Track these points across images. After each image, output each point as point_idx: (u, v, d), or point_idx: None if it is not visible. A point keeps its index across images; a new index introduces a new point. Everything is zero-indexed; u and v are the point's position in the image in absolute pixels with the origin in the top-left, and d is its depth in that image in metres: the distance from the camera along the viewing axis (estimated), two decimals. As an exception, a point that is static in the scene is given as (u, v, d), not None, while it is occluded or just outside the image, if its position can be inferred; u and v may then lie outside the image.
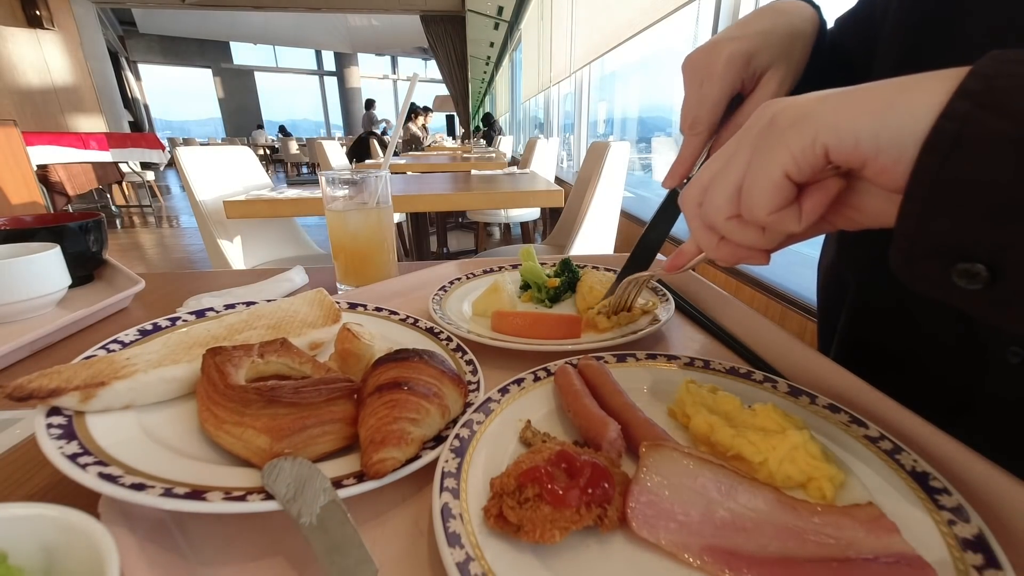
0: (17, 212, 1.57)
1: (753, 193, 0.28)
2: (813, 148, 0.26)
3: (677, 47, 2.60)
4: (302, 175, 12.41)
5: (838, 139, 0.25)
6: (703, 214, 0.32)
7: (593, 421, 0.35)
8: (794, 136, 0.26)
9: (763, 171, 0.28)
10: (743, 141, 0.30)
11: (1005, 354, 0.39)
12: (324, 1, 7.72)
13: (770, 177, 0.27)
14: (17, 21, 5.51)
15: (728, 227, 0.31)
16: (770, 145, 0.27)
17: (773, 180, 0.27)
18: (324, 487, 0.29)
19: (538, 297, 0.67)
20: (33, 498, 0.33)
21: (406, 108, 0.81)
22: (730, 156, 0.30)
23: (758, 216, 0.29)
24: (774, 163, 0.27)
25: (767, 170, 0.27)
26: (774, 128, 0.27)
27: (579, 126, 4.71)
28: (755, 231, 0.31)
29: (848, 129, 0.25)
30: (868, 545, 0.26)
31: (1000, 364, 0.39)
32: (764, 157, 0.28)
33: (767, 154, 0.27)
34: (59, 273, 0.66)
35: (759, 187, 0.28)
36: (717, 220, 0.31)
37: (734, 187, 0.30)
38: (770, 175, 0.27)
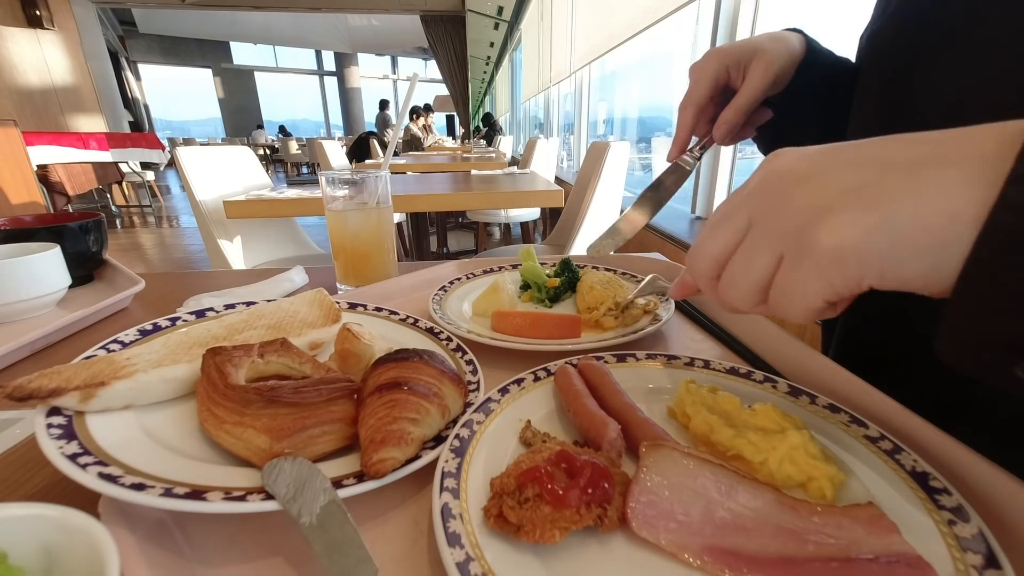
0: (17, 212, 1.57)
1: (788, 308, 0.28)
2: (858, 286, 0.25)
3: (677, 47, 2.60)
4: (302, 175, 12.41)
5: (883, 280, 0.24)
6: (722, 296, 0.31)
7: (593, 421, 0.35)
8: (836, 272, 0.25)
9: (800, 296, 0.27)
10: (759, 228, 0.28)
11: None
12: (324, 1, 7.72)
13: (808, 303, 0.27)
14: (17, 21, 5.51)
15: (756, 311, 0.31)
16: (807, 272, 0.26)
17: (812, 307, 0.27)
18: (324, 487, 0.29)
19: (538, 297, 0.67)
20: (33, 498, 0.33)
21: (406, 108, 0.81)
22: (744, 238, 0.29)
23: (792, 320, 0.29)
24: (814, 293, 0.26)
25: (805, 296, 0.26)
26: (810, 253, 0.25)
27: (579, 126, 4.71)
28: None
29: (896, 274, 0.23)
30: (868, 545, 0.26)
31: None
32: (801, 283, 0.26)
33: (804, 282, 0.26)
34: (59, 273, 0.66)
35: (795, 306, 0.27)
36: (742, 309, 0.31)
37: (759, 286, 0.29)
38: (809, 303, 0.26)
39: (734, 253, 0.30)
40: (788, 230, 0.26)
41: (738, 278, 0.29)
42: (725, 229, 0.30)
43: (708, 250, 0.31)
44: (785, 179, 0.27)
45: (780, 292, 0.28)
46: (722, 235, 0.30)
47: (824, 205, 0.25)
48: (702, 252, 0.31)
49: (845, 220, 0.24)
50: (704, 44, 1.99)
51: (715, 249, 0.30)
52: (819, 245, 0.25)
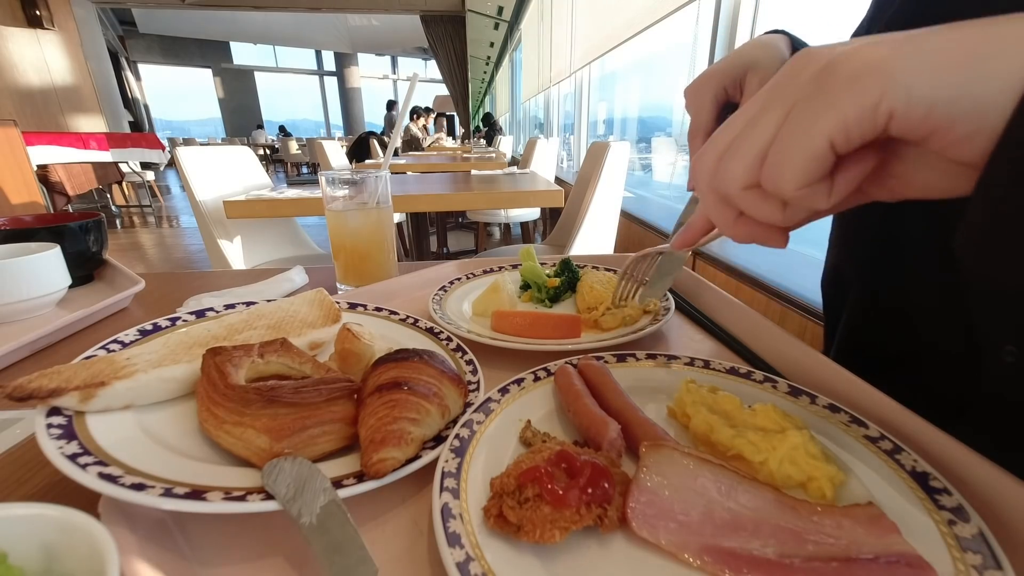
0: (17, 212, 1.57)
1: (783, 162, 0.23)
2: (875, 113, 0.21)
3: (677, 47, 2.60)
4: (302, 175, 12.42)
5: (908, 105, 0.20)
6: (717, 182, 0.27)
7: (593, 421, 0.35)
8: (854, 95, 0.21)
9: (802, 137, 0.22)
10: (775, 94, 0.24)
11: (1000, 353, 0.39)
12: (324, 1, 7.72)
13: (810, 146, 0.22)
14: (17, 21, 5.51)
15: (744, 199, 0.26)
16: (818, 103, 0.22)
17: (813, 150, 0.22)
18: (324, 487, 0.29)
19: (538, 297, 0.67)
20: (33, 498, 0.33)
21: (406, 108, 0.81)
22: (756, 113, 0.25)
23: (783, 190, 0.24)
24: (819, 128, 0.22)
25: (808, 136, 0.22)
26: (829, 80, 0.22)
27: (579, 126, 4.71)
28: (775, 205, 0.26)
29: (923, 94, 0.20)
30: (868, 545, 0.26)
31: (996, 363, 0.39)
32: (807, 118, 0.22)
33: (812, 115, 0.22)
34: (59, 273, 0.66)
35: (792, 156, 0.23)
36: (732, 190, 0.26)
37: (757, 152, 0.24)
38: (810, 143, 0.22)
39: None
40: (804, 80, 0.23)
41: (738, 150, 0.26)
42: (739, 116, 0.27)
43: (715, 141, 0.27)
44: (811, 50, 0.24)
45: (778, 144, 0.24)
46: (735, 122, 0.27)
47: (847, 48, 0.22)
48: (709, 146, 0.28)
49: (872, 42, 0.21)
50: (704, 44, 1.99)
51: (724, 138, 0.27)
52: (836, 71, 0.21)
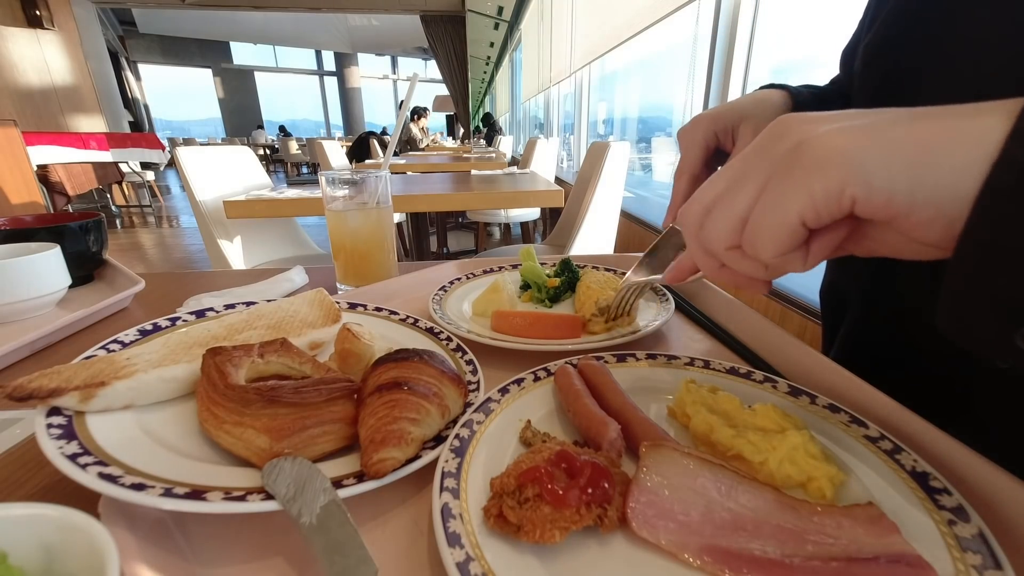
0: (17, 212, 1.57)
1: (760, 234, 0.26)
2: (839, 199, 0.23)
3: (677, 47, 2.60)
4: (302, 175, 12.41)
5: (868, 193, 0.22)
6: (703, 239, 0.30)
7: (593, 421, 0.35)
8: (819, 181, 0.23)
9: (775, 213, 0.25)
10: (755, 163, 0.27)
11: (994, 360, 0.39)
12: (324, 1, 7.72)
13: (782, 222, 0.24)
14: (17, 21, 5.51)
15: (728, 257, 0.29)
16: (788, 184, 0.24)
17: (785, 225, 0.24)
18: (324, 487, 0.29)
19: (538, 297, 0.67)
20: (33, 498, 0.33)
21: (406, 108, 0.81)
22: (738, 177, 0.27)
23: (762, 257, 0.26)
24: (790, 207, 0.24)
25: (780, 213, 0.24)
26: (796, 163, 0.24)
27: (579, 126, 4.71)
28: (756, 264, 0.28)
29: (882, 185, 0.22)
30: (868, 545, 0.26)
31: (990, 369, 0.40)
32: (779, 196, 0.24)
33: (783, 194, 0.24)
34: (59, 273, 0.66)
35: (768, 229, 0.25)
36: (717, 249, 0.29)
37: (739, 218, 0.27)
38: (783, 219, 0.24)
39: None
40: (779, 155, 0.25)
41: (720, 214, 0.28)
42: (724, 174, 0.29)
43: (701, 199, 0.29)
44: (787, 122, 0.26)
45: (756, 216, 0.26)
46: (718, 183, 0.29)
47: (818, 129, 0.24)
48: (695, 202, 0.30)
49: (838, 129, 0.23)
50: (704, 44, 1.99)
51: (708, 196, 0.29)
52: (804, 154, 0.23)
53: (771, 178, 0.25)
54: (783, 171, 0.25)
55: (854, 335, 0.54)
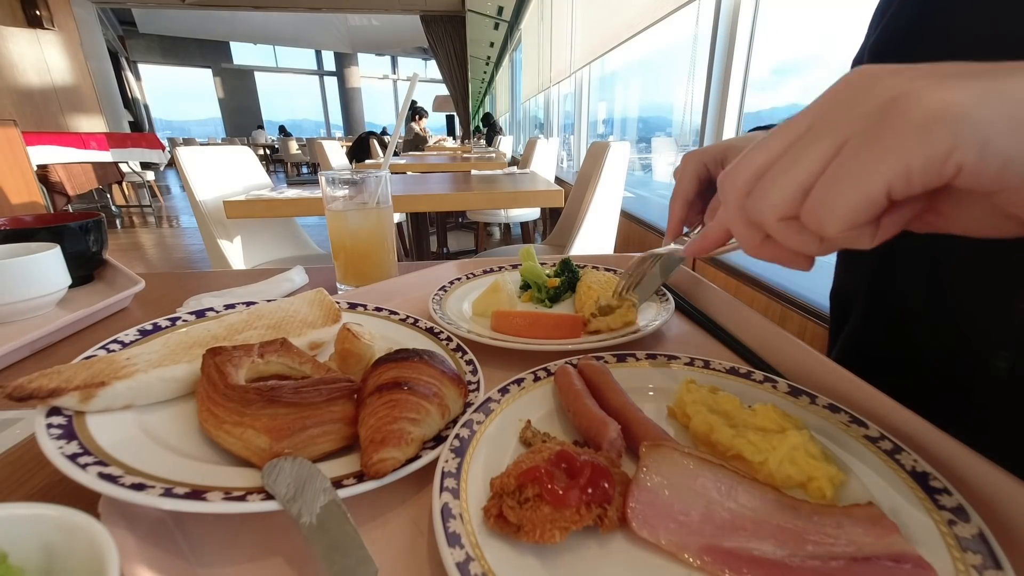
0: (17, 212, 1.57)
1: (831, 204, 0.22)
2: (943, 165, 0.19)
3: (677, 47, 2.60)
4: (302, 175, 12.41)
5: (981, 160, 0.19)
6: (750, 206, 0.26)
7: (593, 421, 0.35)
8: (922, 143, 0.19)
9: (856, 181, 0.21)
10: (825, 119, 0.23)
11: (995, 359, 0.39)
12: (324, 1, 7.72)
13: (865, 191, 0.21)
14: (17, 21, 5.51)
15: (779, 229, 0.25)
16: (877, 147, 0.20)
17: (869, 195, 0.21)
18: (324, 487, 0.29)
19: (538, 297, 0.67)
20: (33, 498, 0.33)
21: (406, 108, 0.81)
22: (799, 137, 0.23)
23: (827, 231, 0.23)
24: (876, 175, 0.20)
25: (864, 180, 0.21)
26: (890, 122, 0.20)
27: (579, 126, 4.71)
28: (811, 238, 0.24)
29: (1000, 151, 0.18)
30: (868, 545, 0.26)
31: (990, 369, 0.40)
32: (863, 161, 0.21)
33: (870, 156, 0.20)
34: (59, 273, 0.66)
35: (842, 199, 0.21)
36: (767, 218, 0.25)
37: (800, 184, 0.23)
38: (866, 188, 0.21)
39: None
40: (863, 112, 0.21)
41: (777, 179, 0.24)
42: (781, 133, 0.24)
43: (750, 160, 0.25)
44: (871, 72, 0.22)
45: (827, 182, 0.22)
46: (775, 141, 0.24)
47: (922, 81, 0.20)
48: (742, 164, 0.26)
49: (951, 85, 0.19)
50: (704, 44, 1.99)
51: (760, 158, 0.25)
52: (913, 109, 0.19)
53: (851, 139, 0.21)
54: (870, 132, 0.21)
55: (857, 335, 0.54)
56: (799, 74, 1.93)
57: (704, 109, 1.99)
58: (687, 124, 2.40)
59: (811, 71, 1.84)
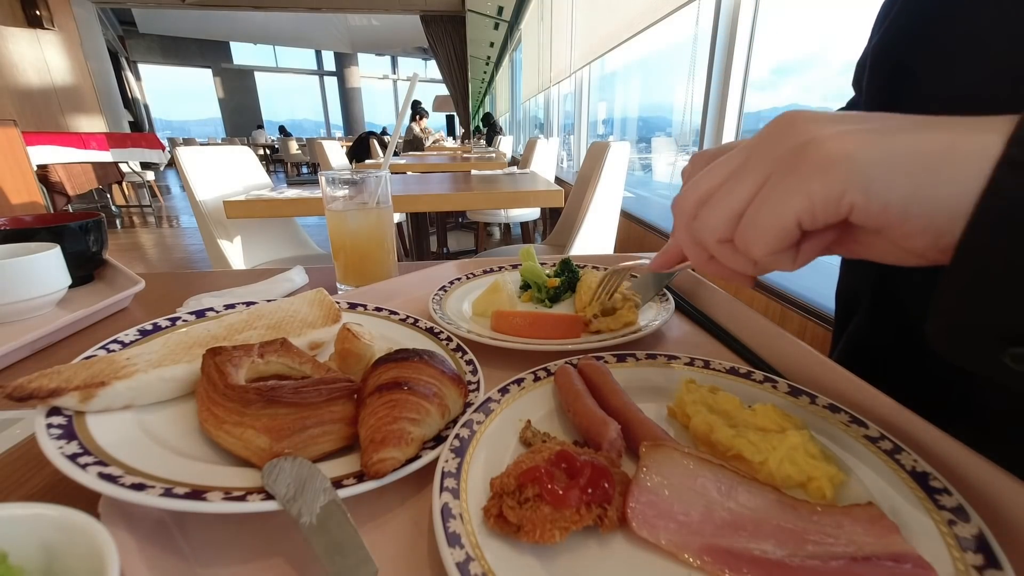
0: (17, 212, 1.57)
1: (755, 230, 0.26)
2: (838, 204, 0.23)
3: (677, 47, 2.60)
4: (302, 175, 12.41)
5: (867, 200, 0.22)
6: (695, 228, 0.29)
7: (593, 421, 0.35)
8: (820, 184, 0.23)
9: (772, 211, 0.25)
10: (756, 156, 0.26)
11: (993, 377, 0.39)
12: (324, 1, 7.72)
13: (778, 222, 0.24)
14: (17, 21, 5.51)
15: (717, 249, 0.29)
16: (788, 183, 0.24)
17: (782, 225, 0.24)
18: (324, 487, 0.29)
19: (538, 297, 0.67)
20: (33, 498, 0.33)
21: (406, 108, 0.81)
22: (736, 170, 0.27)
23: (753, 254, 0.27)
24: (787, 207, 0.24)
25: (777, 212, 0.24)
26: (799, 163, 0.24)
27: (579, 126, 4.71)
28: (746, 260, 0.28)
29: (880, 193, 0.22)
30: (868, 545, 0.26)
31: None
32: (778, 194, 0.24)
33: (782, 193, 0.24)
34: (59, 273, 0.66)
35: (763, 227, 0.25)
36: (708, 241, 0.29)
37: (734, 212, 0.27)
38: (779, 219, 0.24)
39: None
40: (785, 151, 0.25)
41: (715, 207, 0.27)
42: (722, 165, 0.28)
43: (695, 187, 0.29)
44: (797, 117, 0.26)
45: (752, 212, 0.26)
46: (717, 170, 0.28)
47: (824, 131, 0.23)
48: (689, 191, 0.29)
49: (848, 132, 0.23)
50: (704, 44, 1.99)
51: (704, 186, 0.29)
52: (814, 154, 0.23)
53: (772, 175, 0.25)
54: (785, 169, 0.24)
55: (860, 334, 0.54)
56: (799, 74, 1.93)
57: (704, 109, 1.99)
58: (687, 124, 2.40)
59: (811, 71, 1.84)
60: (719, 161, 0.29)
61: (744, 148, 0.28)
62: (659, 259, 0.37)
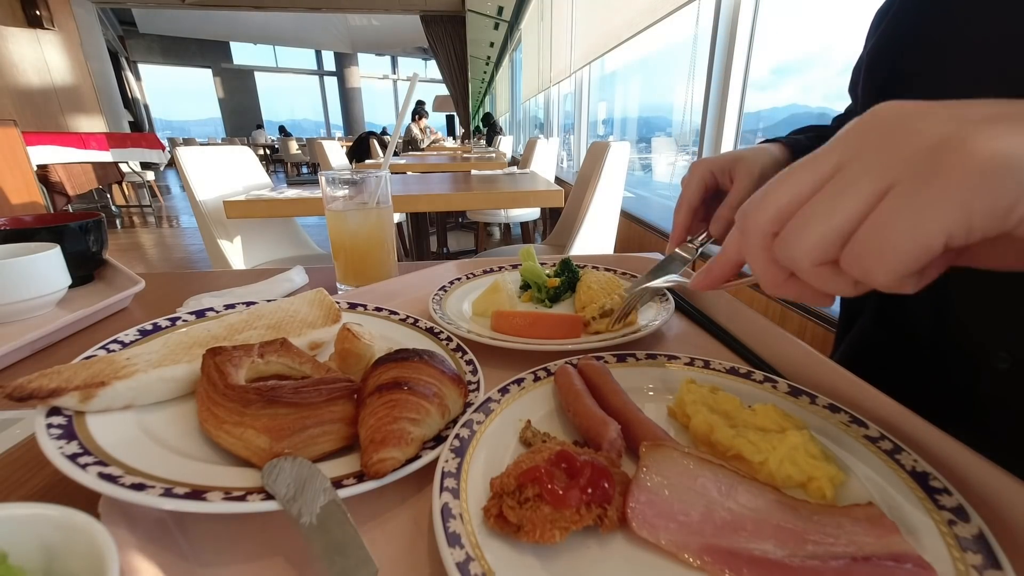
0: (17, 212, 1.57)
1: (882, 253, 0.21)
2: (1006, 217, 0.19)
3: (677, 47, 2.60)
4: (302, 175, 12.41)
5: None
6: (779, 248, 0.24)
7: (593, 421, 0.35)
8: (982, 195, 0.18)
9: (913, 230, 0.20)
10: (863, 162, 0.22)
11: (995, 359, 0.39)
12: (324, 1, 7.72)
13: (922, 241, 0.19)
14: (17, 21, 5.51)
15: (814, 273, 0.24)
16: (931, 194, 0.19)
17: (925, 244, 0.20)
18: (324, 487, 0.29)
19: (538, 297, 0.67)
20: (33, 498, 0.33)
21: (406, 108, 0.81)
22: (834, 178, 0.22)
23: (877, 279, 0.21)
24: (936, 224, 0.19)
25: (922, 231, 0.19)
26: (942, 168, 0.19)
27: (579, 126, 4.71)
28: (847, 281, 0.23)
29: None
30: (868, 545, 0.26)
31: (991, 369, 0.40)
32: (918, 210, 0.20)
33: (925, 208, 0.19)
34: (59, 273, 0.66)
35: (896, 248, 0.20)
36: (802, 264, 0.23)
37: (840, 230, 0.22)
38: (923, 238, 0.19)
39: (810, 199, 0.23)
40: (911, 152, 0.20)
41: (813, 222, 0.22)
42: (804, 171, 0.23)
43: (776, 197, 0.24)
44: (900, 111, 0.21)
45: (874, 234, 0.21)
46: (800, 178, 0.23)
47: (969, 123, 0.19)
48: (767, 200, 0.24)
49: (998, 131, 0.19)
50: (704, 44, 1.99)
51: (786, 195, 0.24)
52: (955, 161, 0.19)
53: (898, 183, 0.20)
54: (920, 177, 0.20)
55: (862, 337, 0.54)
56: (799, 74, 1.93)
57: (704, 109, 1.99)
58: (687, 124, 2.40)
59: (811, 71, 1.84)
60: (799, 166, 0.24)
61: (834, 149, 0.23)
62: (704, 278, 0.32)
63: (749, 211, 0.26)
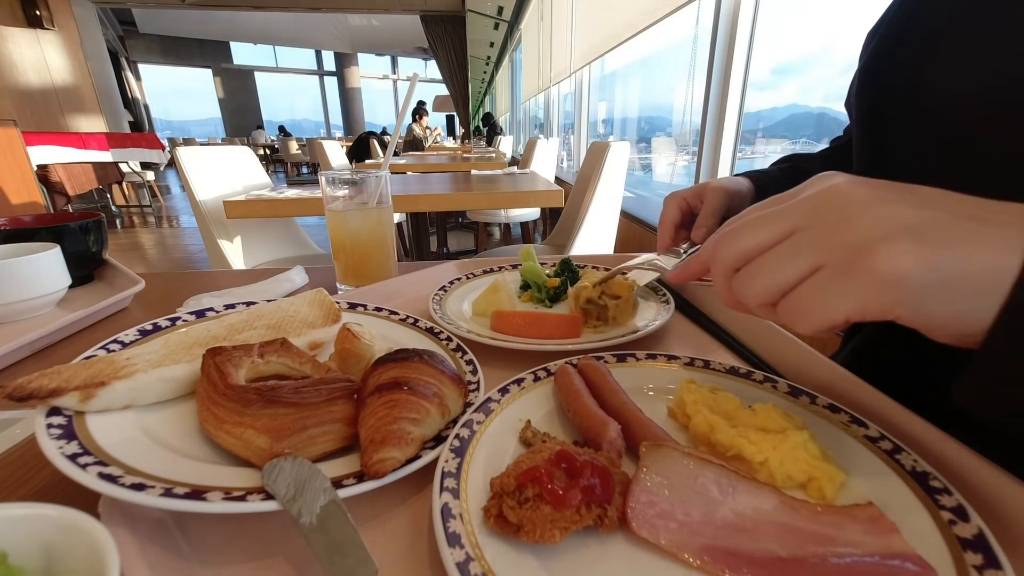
0: (17, 212, 1.57)
1: (803, 315, 0.28)
2: (886, 314, 0.25)
3: (677, 47, 2.60)
4: (302, 175, 12.42)
5: (913, 315, 0.25)
6: (736, 284, 0.31)
7: (593, 421, 0.35)
8: (875, 297, 0.25)
9: (826, 307, 0.27)
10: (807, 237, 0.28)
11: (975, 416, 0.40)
12: (324, 1, 7.72)
13: (831, 316, 0.27)
14: (17, 21, 5.51)
15: (757, 308, 0.31)
16: (844, 285, 0.26)
17: (832, 319, 0.27)
18: (324, 487, 0.29)
19: (538, 297, 0.67)
20: (33, 498, 0.33)
21: (407, 108, 0.81)
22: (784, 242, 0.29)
23: (797, 329, 0.29)
24: (841, 307, 0.26)
25: (831, 308, 0.26)
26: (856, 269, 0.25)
27: (579, 126, 4.71)
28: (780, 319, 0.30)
29: (927, 312, 0.25)
30: (868, 545, 0.26)
31: None
32: (831, 294, 0.26)
33: (837, 293, 0.26)
34: (59, 273, 0.66)
35: (813, 314, 0.27)
36: (749, 301, 0.30)
37: (780, 287, 0.28)
38: (832, 314, 0.26)
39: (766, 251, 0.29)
40: (841, 244, 0.26)
41: (762, 275, 0.29)
42: (767, 225, 0.30)
43: (742, 240, 0.30)
44: (848, 198, 0.27)
45: (801, 299, 0.28)
46: (762, 230, 0.30)
47: (887, 233, 0.25)
48: (734, 240, 0.31)
49: (904, 250, 0.24)
50: (704, 44, 1.99)
51: (749, 241, 0.30)
52: (873, 266, 0.25)
53: (824, 267, 0.27)
54: (839, 268, 0.26)
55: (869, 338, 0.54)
56: (799, 74, 1.94)
57: (704, 109, 1.99)
58: (687, 124, 2.40)
59: (811, 71, 1.84)
60: (761, 216, 0.30)
61: (790, 211, 0.29)
62: (681, 272, 0.38)
63: (719, 245, 0.32)
